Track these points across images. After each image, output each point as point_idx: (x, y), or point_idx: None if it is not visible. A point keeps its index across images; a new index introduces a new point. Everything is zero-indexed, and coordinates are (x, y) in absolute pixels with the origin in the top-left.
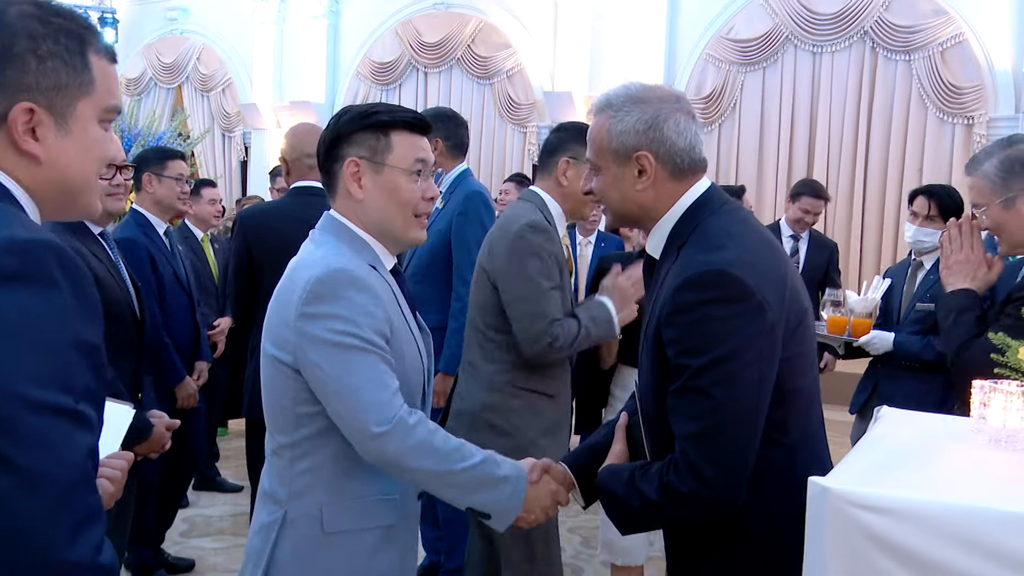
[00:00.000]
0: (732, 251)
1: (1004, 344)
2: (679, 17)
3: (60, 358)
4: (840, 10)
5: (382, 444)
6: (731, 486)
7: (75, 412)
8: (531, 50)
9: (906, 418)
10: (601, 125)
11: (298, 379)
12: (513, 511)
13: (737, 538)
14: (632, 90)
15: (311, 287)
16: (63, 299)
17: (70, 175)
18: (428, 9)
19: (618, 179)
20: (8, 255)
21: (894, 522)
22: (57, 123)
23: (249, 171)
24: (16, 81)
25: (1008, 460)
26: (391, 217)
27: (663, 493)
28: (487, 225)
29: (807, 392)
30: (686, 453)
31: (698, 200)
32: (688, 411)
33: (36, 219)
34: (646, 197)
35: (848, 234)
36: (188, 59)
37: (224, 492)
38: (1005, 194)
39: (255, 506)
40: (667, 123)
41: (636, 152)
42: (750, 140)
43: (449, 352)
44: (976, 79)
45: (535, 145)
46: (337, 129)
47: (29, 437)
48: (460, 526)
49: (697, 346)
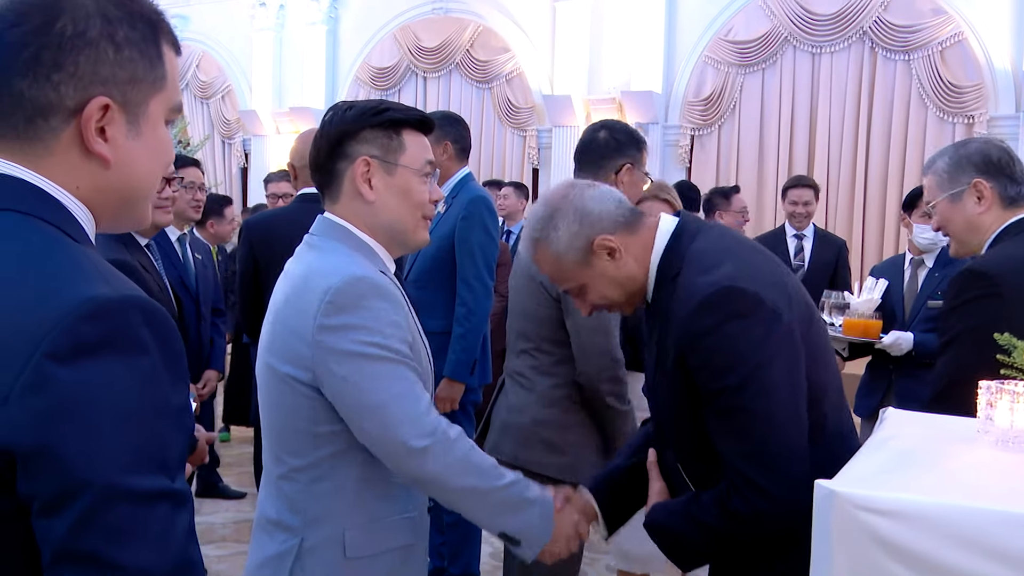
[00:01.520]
0: (730, 266)
1: (1010, 344)
2: (677, 19)
3: (154, 433)
4: (839, 10)
5: (422, 461)
6: (794, 492)
7: (171, 492)
8: (530, 54)
9: (912, 419)
10: (546, 257)
11: (316, 397)
12: (544, 536)
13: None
14: (537, 214)
15: (331, 297)
16: (153, 364)
17: (136, 181)
18: (427, 14)
19: (601, 276)
20: (95, 321)
21: (901, 525)
22: (129, 122)
23: (249, 178)
24: (91, 71)
25: (1015, 461)
26: (402, 219)
27: (728, 520)
28: (491, 230)
29: (835, 386)
30: (742, 473)
31: (673, 234)
32: (732, 431)
33: (91, 234)
34: (630, 268)
35: (849, 234)
36: (187, 66)
37: (226, 499)
38: (952, 189)
39: (254, 535)
40: (585, 204)
41: (591, 244)
42: (750, 141)
43: (455, 358)
44: (976, 78)
45: (535, 149)
46: (344, 125)
47: (125, 531)
48: (464, 531)
49: (725, 366)
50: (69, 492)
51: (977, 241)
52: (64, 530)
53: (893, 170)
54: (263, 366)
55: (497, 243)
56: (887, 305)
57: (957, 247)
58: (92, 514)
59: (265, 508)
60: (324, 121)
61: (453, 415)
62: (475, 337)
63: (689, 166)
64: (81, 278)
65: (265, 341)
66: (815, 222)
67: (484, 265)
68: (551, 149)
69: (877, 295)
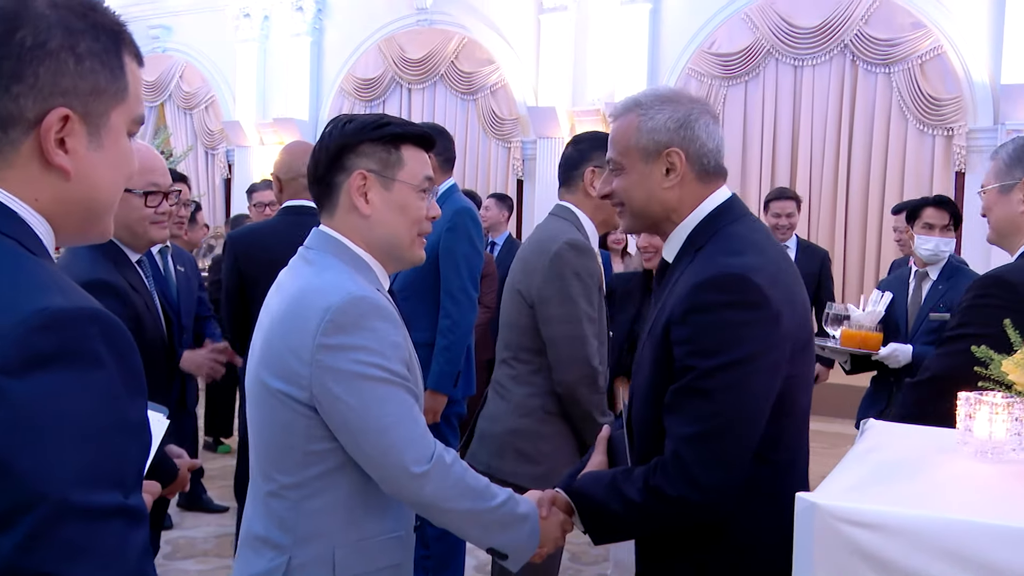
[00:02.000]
0: (753, 258)
1: (987, 356)
2: (661, 32)
3: (109, 448)
4: (820, 24)
5: (421, 485)
6: (721, 494)
7: (126, 509)
8: (514, 66)
9: (892, 431)
10: (629, 123)
11: (311, 416)
12: (531, 550)
13: (711, 549)
14: (661, 91)
15: (331, 316)
16: (109, 378)
17: (98, 194)
18: (411, 26)
19: (644, 177)
20: (46, 333)
21: (882, 537)
22: (90, 133)
23: (233, 188)
24: (51, 83)
25: (994, 472)
26: (398, 235)
27: (648, 495)
28: (475, 241)
29: (802, 413)
30: (679, 455)
31: (720, 206)
32: (688, 412)
33: (51, 247)
34: (671, 196)
35: (832, 244)
36: (171, 77)
37: (209, 512)
38: (1005, 180)
39: (240, 552)
40: (698, 123)
41: (667, 148)
42: (733, 153)
43: (438, 369)
44: (955, 91)
45: (519, 160)
46: (343, 138)
47: (77, 548)
48: (449, 545)
49: (708, 348)
50: (20, 507)
51: (1014, 239)
52: (12, 546)
53: (874, 181)
54: (255, 381)
55: (482, 255)
56: (891, 318)
57: (993, 235)
58: (43, 530)
59: (252, 524)
60: (324, 134)
61: (437, 427)
62: (459, 349)
63: None
64: (35, 290)
65: (257, 356)
66: (798, 233)
67: (469, 277)
68: (535, 161)
69: (881, 308)
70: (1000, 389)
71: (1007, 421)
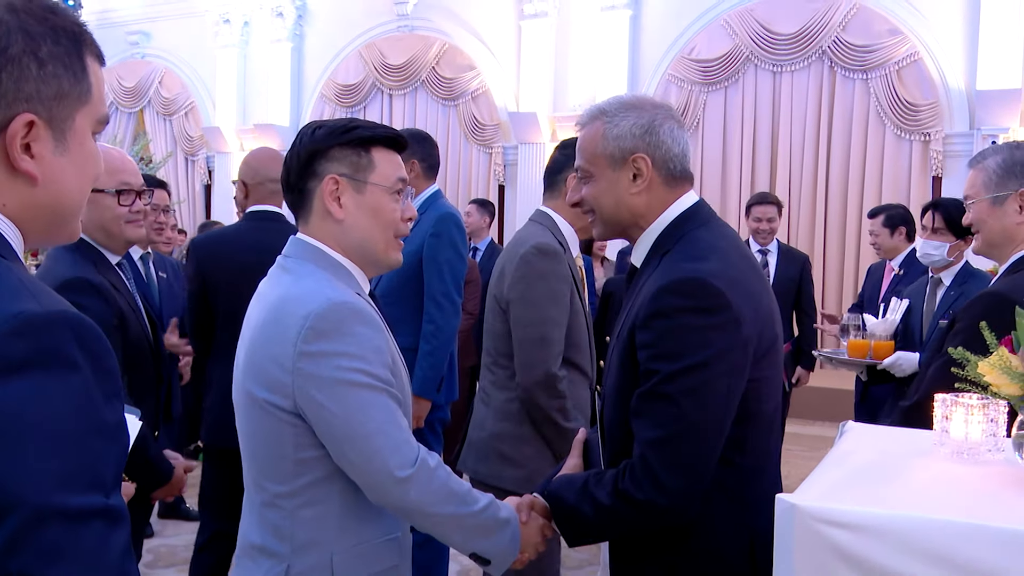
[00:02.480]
0: (715, 263)
1: (963, 358)
2: (641, 38)
3: (86, 451)
4: (799, 30)
5: (405, 490)
6: (687, 497)
7: (107, 510)
8: (495, 71)
9: (871, 432)
10: (596, 131)
11: (298, 424)
12: (512, 555)
13: (680, 551)
14: (625, 98)
15: (311, 323)
16: (84, 382)
17: (65, 198)
18: (392, 31)
19: (612, 184)
20: (19, 338)
21: (861, 538)
22: (56, 138)
23: (213, 195)
24: (14, 89)
25: (970, 473)
26: (373, 238)
27: (617, 498)
28: (459, 247)
29: (768, 417)
30: (645, 459)
31: (686, 211)
32: (652, 417)
33: (20, 251)
34: (639, 202)
35: (811, 249)
36: (150, 83)
37: (189, 520)
38: (997, 192)
39: (237, 561)
40: (663, 128)
41: (633, 155)
42: (713, 158)
43: (421, 375)
44: (931, 97)
45: (500, 166)
46: (313, 144)
47: (58, 551)
48: (433, 550)
49: (669, 352)
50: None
51: (1005, 249)
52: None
53: (853, 186)
54: (241, 392)
55: (466, 261)
56: (909, 326)
57: (982, 247)
58: (23, 534)
59: (249, 534)
60: (295, 141)
61: (420, 433)
62: (442, 354)
63: None
64: (7, 295)
65: (241, 367)
66: (777, 237)
67: (452, 283)
68: (517, 166)
69: (896, 316)
70: (976, 391)
71: (982, 422)
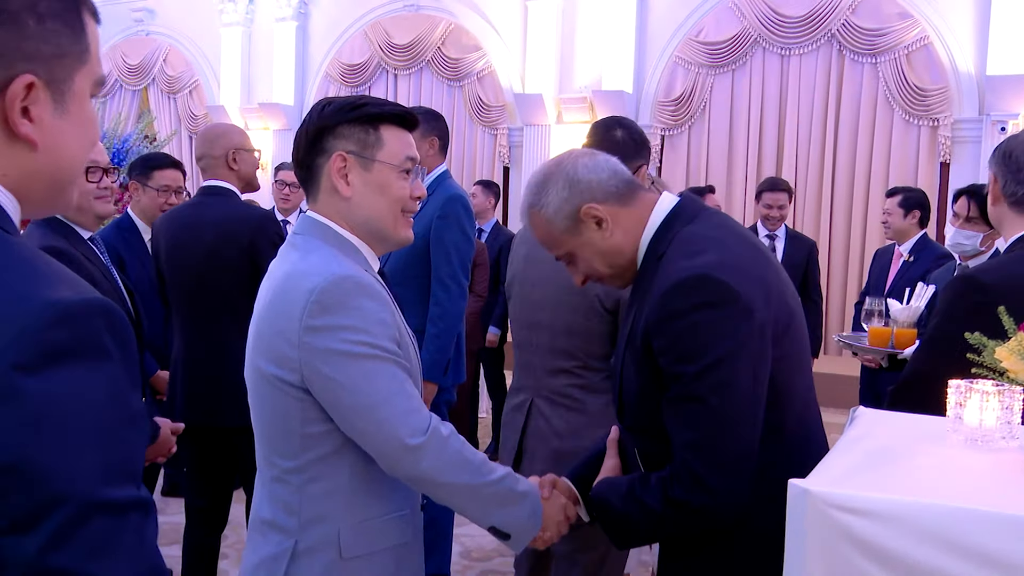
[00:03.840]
0: (713, 255)
1: (980, 343)
2: (648, 19)
3: (123, 442)
4: (807, 13)
5: (417, 458)
6: (736, 493)
7: (140, 501)
8: (501, 52)
9: (882, 418)
10: (538, 223)
11: (305, 398)
12: (533, 531)
13: (735, 537)
14: (533, 180)
15: (316, 297)
16: (116, 370)
17: (65, 163)
18: (398, 11)
19: (587, 245)
20: (59, 327)
21: (874, 524)
22: (55, 99)
23: None
24: (13, 48)
25: (984, 460)
26: (380, 216)
27: (669, 506)
28: (467, 229)
29: (801, 394)
30: (688, 464)
31: (669, 214)
32: (685, 420)
33: (18, 222)
34: (618, 241)
35: (817, 234)
36: (154, 61)
37: None
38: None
39: (248, 536)
40: (576, 172)
41: (578, 211)
42: (719, 142)
43: (428, 358)
44: (940, 81)
45: (505, 147)
46: (321, 121)
47: (102, 545)
48: (436, 532)
49: (688, 353)
50: (44, 507)
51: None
52: (36, 548)
53: (860, 171)
54: (251, 369)
55: (473, 243)
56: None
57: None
58: (69, 529)
59: (259, 509)
60: (305, 118)
61: None
62: (449, 337)
63: (659, 166)
64: (39, 280)
65: (251, 343)
66: (784, 222)
67: (459, 265)
68: (522, 148)
69: (921, 303)
70: (992, 376)
71: (997, 409)
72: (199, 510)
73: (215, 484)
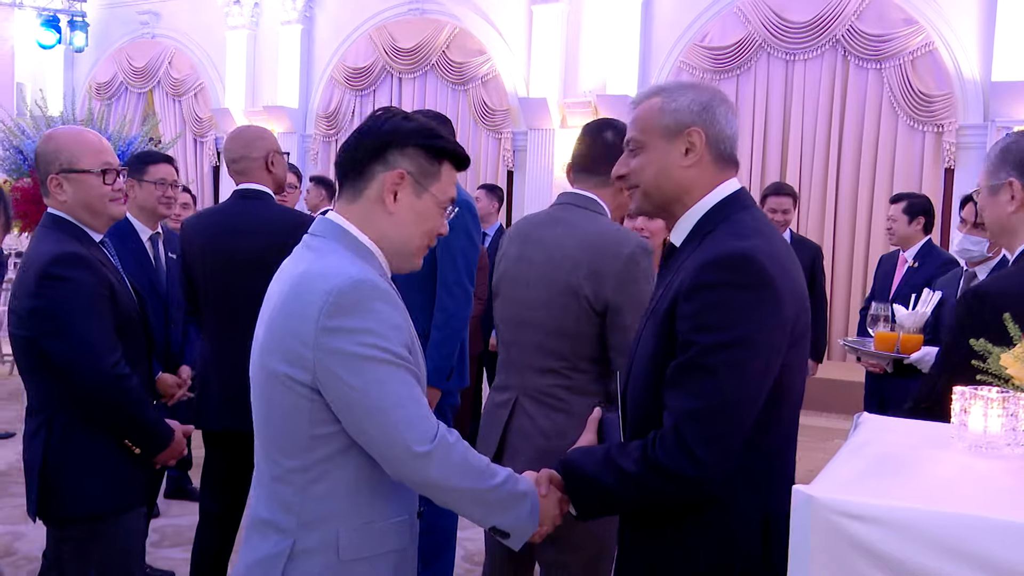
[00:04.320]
0: (761, 241)
1: (985, 350)
2: (653, 24)
3: None
4: (812, 19)
5: (424, 465)
6: (718, 471)
7: None
8: (506, 56)
9: (886, 424)
10: (652, 104)
11: (315, 399)
12: (531, 529)
13: (695, 525)
14: (684, 80)
15: (334, 299)
16: None
17: None
18: (403, 15)
19: (663, 155)
20: None
21: (879, 530)
22: None
23: (222, 176)
24: None
25: (988, 467)
26: (411, 240)
27: (646, 467)
28: (473, 235)
29: (794, 404)
30: (680, 430)
31: (730, 195)
32: (689, 388)
33: None
34: (687, 176)
35: (821, 239)
36: (160, 63)
37: (195, 501)
38: (992, 180)
39: (246, 535)
40: (719, 109)
41: (688, 128)
42: None
43: (432, 364)
44: (945, 88)
45: (510, 151)
46: (395, 134)
47: None
48: (440, 537)
49: (712, 324)
50: None
51: (1010, 239)
52: None
53: (864, 177)
54: (259, 369)
55: (479, 248)
56: (940, 320)
57: (990, 235)
58: None
59: (258, 509)
60: (377, 120)
61: None
62: (453, 343)
63: None
64: None
65: (260, 343)
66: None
67: (465, 270)
68: (526, 152)
69: (927, 309)
70: (997, 383)
71: (1002, 416)
72: (213, 515)
73: (232, 489)
